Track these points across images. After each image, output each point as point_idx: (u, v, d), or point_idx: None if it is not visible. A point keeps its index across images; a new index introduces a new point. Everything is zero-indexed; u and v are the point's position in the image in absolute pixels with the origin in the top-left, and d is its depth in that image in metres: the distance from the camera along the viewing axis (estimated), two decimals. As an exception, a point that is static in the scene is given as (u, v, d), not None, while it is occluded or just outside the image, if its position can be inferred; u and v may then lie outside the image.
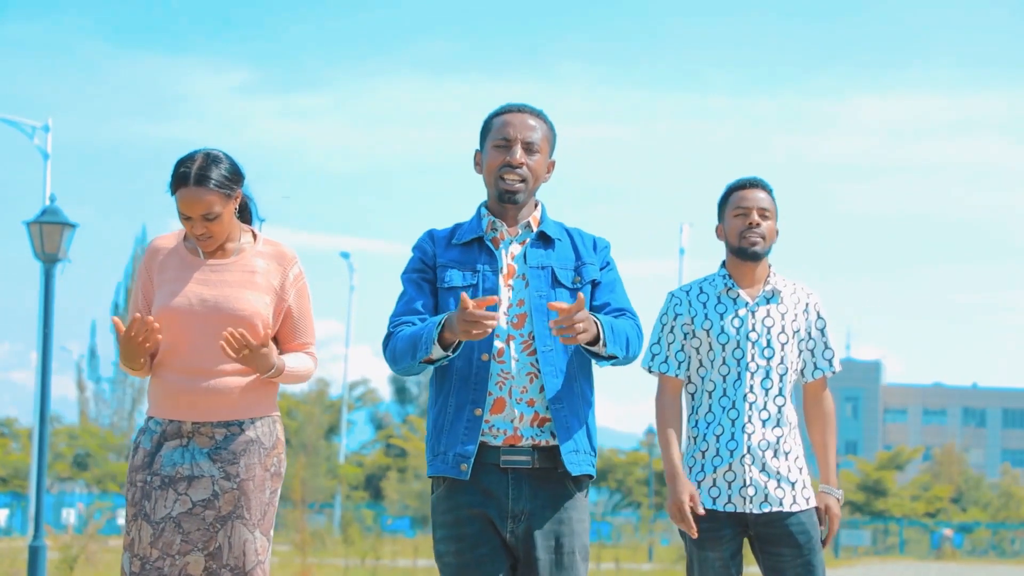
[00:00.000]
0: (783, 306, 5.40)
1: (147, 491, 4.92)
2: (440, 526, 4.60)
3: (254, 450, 4.98)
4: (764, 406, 5.31)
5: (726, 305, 5.39)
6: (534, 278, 4.59)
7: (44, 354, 18.29)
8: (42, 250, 18.18)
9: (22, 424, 55.47)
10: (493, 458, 4.52)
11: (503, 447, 4.52)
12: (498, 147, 4.63)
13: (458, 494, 4.54)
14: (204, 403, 4.95)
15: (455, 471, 4.52)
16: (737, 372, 5.33)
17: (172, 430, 4.96)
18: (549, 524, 4.53)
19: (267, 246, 5.10)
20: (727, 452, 5.31)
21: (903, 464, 64.27)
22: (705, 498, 5.31)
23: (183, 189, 4.94)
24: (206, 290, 4.97)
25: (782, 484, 5.30)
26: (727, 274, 5.44)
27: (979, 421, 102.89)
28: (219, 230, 4.99)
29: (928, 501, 61.96)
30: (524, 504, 4.51)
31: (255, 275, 5.02)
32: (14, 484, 51.55)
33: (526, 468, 4.52)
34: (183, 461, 4.92)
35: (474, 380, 4.54)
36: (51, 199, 19.15)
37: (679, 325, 5.42)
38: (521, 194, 4.62)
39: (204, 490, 4.91)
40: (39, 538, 16.95)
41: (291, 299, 5.06)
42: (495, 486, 4.51)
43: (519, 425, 4.52)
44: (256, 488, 4.96)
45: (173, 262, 5.04)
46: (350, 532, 29.38)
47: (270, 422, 5.05)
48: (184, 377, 4.95)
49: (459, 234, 4.68)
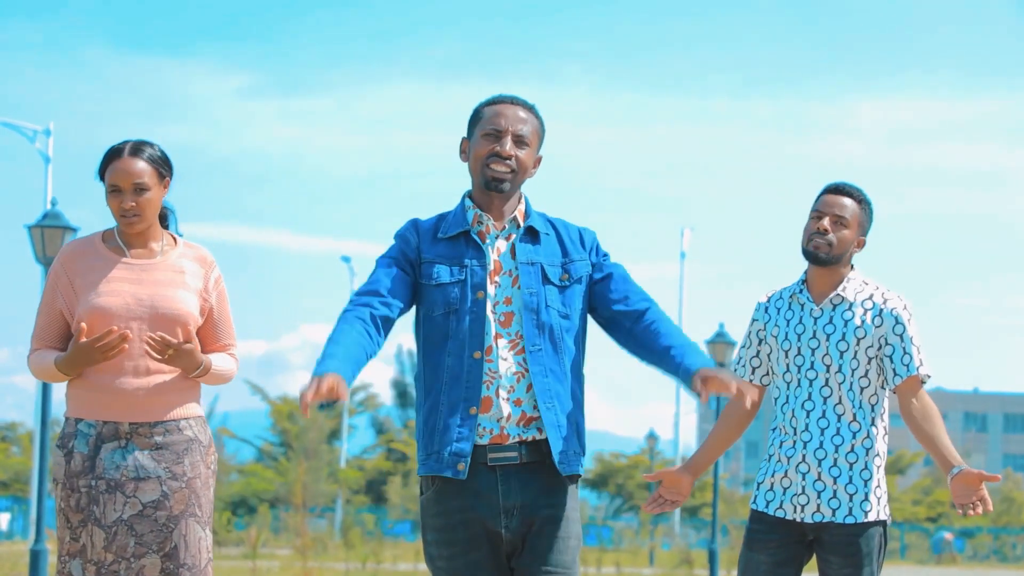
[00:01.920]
0: (850, 313, 5.31)
1: (94, 496, 4.88)
2: (431, 529, 4.57)
3: (196, 448, 4.99)
4: (823, 414, 5.27)
5: (794, 311, 5.38)
6: (524, 275, 4.56)
7: (45, 358, 18.27)
8: (43, 254, 18.19)
9: (24, 428, 55.44)
10: (480, 457, 4.49)
11: (489, 445, 4.49)
12: (487, 135, 4.59)
13: (448, 496, 4.51)
14: (143, 404, 4.93)
15: (451, 470, 4.48)
16: (798, 379, 5.31)
17: (109, 432, 4.93)
18: (543, 513, 4.50)
19: (188, 249, 5.12)
20: (786, 459, 5.30)
21: (904, 468, 64.24)
22: (760, 500, 5.34)
23: (116, 161, 4.98)
24: (140, 289, 4.97)
25: (838, 495, 5.24)
26: (803, 279, 5.41)
27: (980, 426, 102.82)
28: (148, 209, 4.99)
29: (929, 506, 61.92)
30: (515, 498, 4.49)
31: (184, 275, 5.03)
32: (15, 488, 51.51)
33: (514, 464, 4.51)
34: (125, 462, 4.90)
35: (466, 378, 4.50)
36: (52, 203, 19.17)
37: (755, 331, 5.46)
38: (507, 183, 4.58)
39: (152, 491, 4.90)
40: (40, 542, 16.94)
41: (213, 301, 5.09)
42: (484, 484, 4.48)
43: (505, 424, 4.49)
44: (203, 486, 4.99)
45: (97, 264, 5.01)
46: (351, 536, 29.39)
47: (201, 422, 5.07)
48: (121, 377, 4.92)
49: (444, 227, 4.63)
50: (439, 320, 4.55)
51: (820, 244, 5.29)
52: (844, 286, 5.34)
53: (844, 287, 5.34)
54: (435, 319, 4.56)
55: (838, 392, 5.28)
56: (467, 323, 4.51)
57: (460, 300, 4.53)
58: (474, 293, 4.53)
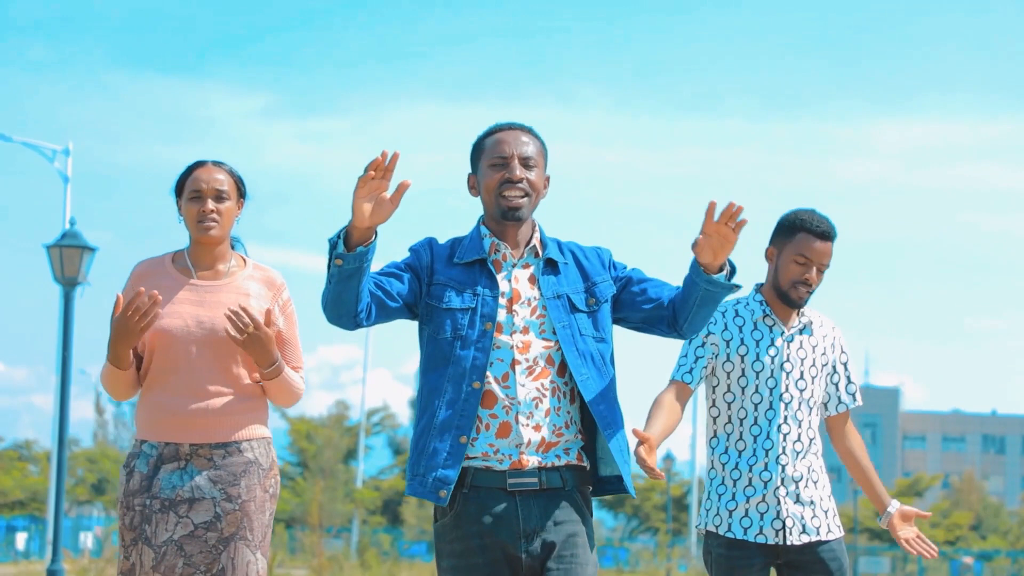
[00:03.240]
0: (814, 339, 5.36)
1: (147, 515, 4.88)
2: (448, 555, 4.54)
3: (254, 471, 4.96)
4: (798, 437, 5.28)
5: (763, 332, 5.32)
6: (553, 309, 4.55)
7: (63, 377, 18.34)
8: (62, 274, 18.24)
9: (41, 447, 55.53)
10: (499, 482, 4.47)
11: (509, 471, 4.48)
12: (494, 165, 4.58)
13: (467, 521, 4.48)
14: (203, 425, 4.92)
15: (433, 496, 4.46)
16: (770, 402, 5.27)
17: (169, 453, 4.92)
18: (562, 538, 4.48)
19: (257, 271, 5.10)
20: (760, 483, 5.26)
21: (922, 491, 64.02)
22: (736, 528, 5.27)
23: (198, 170, 5.00)
24: (202, 311, 4.96)
25: (817, 513, 5.28)
26: (764, 300, 5.37)
27: (999, 448, 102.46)
28: (225, 219, 4.99)
29: (947, 529, 61.67)
30: (535, 522, 4.47)
31: (249, 298, 5.01)
32: (32, 507, 51.56)
33: (533, 489, 4.49)
34: (182, 483, 4.89)
35: (461, 406, 4.48)
36: (71, 223, 19.22)
37: (709, 342, 5.32)
38: (524, 209, 4.57)
39: (206, 512, 4.88)
40: (57, 562, 16.97)
41: (280, 323, 5.05)
42: (503, 509, 4.47)
43: (525, 451, 4.48)
44: (257, 509, 4.95)
45: (165, 283, 5.00)
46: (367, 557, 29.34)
47: (265, 444, 5.04)
48: (181, 399, 4.91)
49: (460, 252, 4.62)
50: (444, 344, 4.53)
51: (804, 293, 5.29)
52: (804, 312, 5.38)
53: (804, 313, 5.38)
54: (440, 342, 4.54)
55: (808, 416, 5.31)
56: (471, 352, 4.49)
57: (468, 328, 4.51)
58: (483, 323, 4.51)
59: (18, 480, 52.17)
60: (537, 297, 4.58)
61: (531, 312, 4.56)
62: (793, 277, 5.29)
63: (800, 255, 5.28)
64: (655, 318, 4.65)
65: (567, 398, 4.57)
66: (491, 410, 4.50)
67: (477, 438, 4.50)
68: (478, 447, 4.50)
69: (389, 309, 4.56)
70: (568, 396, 4.57)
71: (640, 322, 4.68)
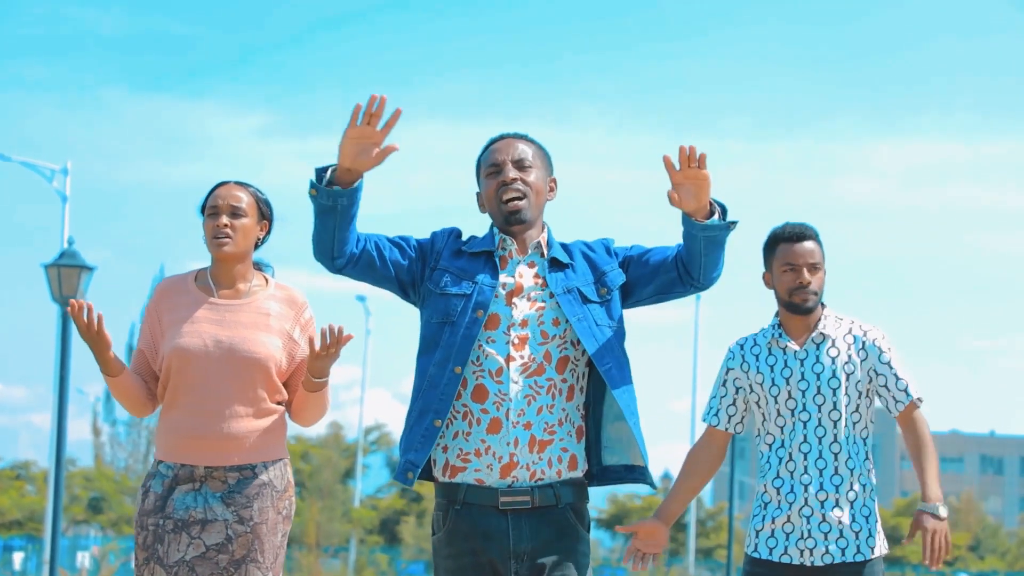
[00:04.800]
0: (834, 349, 5.32)
1: (160, 535, 4.89)
2: (443, 571, 4.57)
3: (267, 494, 4.96)
4: (820, 455, 5.26)
5: (776, 356, 5.35)
6: (565, 303, 4.56)
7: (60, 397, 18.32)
8: (59, 293, 18.24)
9: (39, 467, 55.45)
10: (491, 499, 4.48)
11: (501, 489, 4.48)
12: (490, 174, 4.63)
13: (460, 538, 4.50)
14: (218, 447, 4.92)
15: (401, 477, 4.51)
16: (792, 423, 5.28)
17: (184, 474, 4.93)
18: (554, 559, 4.49)
19: (279, 290, 5.09)
20: (786, 503, 5.27)
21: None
22: (762, 548, 5.30)
23: (220, 188, 5.01)
24: (220, 331, 4.95)
25: (844, 534, 5.24)
26: (777, 323, 5.40)
27: (997, 469, 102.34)
28: (241, 236, 4.98)
29: (945, 549, 61.48)
30: (526, 543, 4.48)
31: (269, 317, 5.00)
32: (29, 527, 51.46)
33: (526, 508, 4.49)
34: (196, 505, 4.90)
35: (442, 390, 4.50)
36: (69, 241, 19.24)
37: (731, 379, 5.41)
38: (525, 211, 4.60)
39: (218, 534, 4.89)
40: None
41: (303, 343, 5.04)
42: (495, 528, 4.48)
43: (515, 451, 4.48)
44: (269, 532, 4.94)
45: (185, 301, 5.01)
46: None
47: (282, 465, 5.03)
48: (197, 420, 4.91)
49: (471, 244, 4.67)
50: (435, 328, 4.57)
51: (807, 296, 5.30)
52: (823, 324, 5.35)
53: (824, 324, 5.35)
54: (432, 326, 4.58)
55: (832, 431, 5.27)
56: (459, 337, 4.51)
57: (459, 314, 4.53)
58: (474, 311, 4.53)
59: (15, 500, 52.09)
60: (541, 293, 4.58)
61: (531, 306, 4.57)
62: (788, 286, 5.32)
63: (785, 263, 5.33)
64: (666, 282, 4.68)
65: (563, 395, 4.56)
66: (483, 404, 4.50)
67: (470, 432, 4.50)
68: (471, 443, 4.50)
69: (376, 271, 4.60)
70: (564, 393, 4.57)
71: (655, 293, 4.71)
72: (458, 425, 4.54)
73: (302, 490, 54.79)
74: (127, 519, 52.72)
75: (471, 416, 4.51)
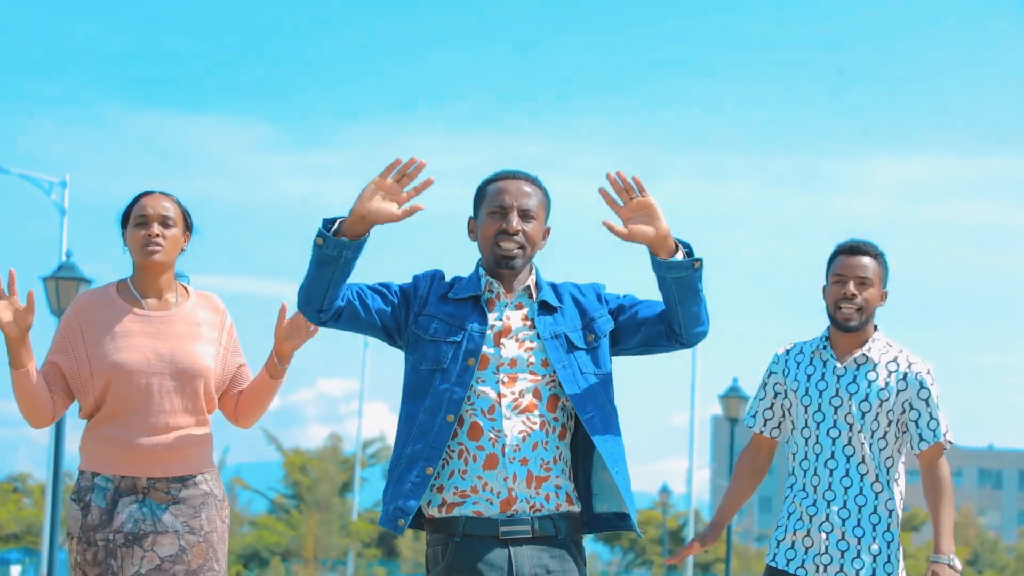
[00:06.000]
0: (874, 374, 5.29)
1: (111, 549, 4.86)
2: None
3: (212, 503, 4.98)
4: (846, 473, 5.25)
5: (816, 367, 5.34)
6: (552, 349, 4.54)
7: (58, 409, 18.28)
8: (57, 305, 18.24)
9: (35, 480, 55.38)
10: (491, 530, 4.45)
11: (501, 520, 4.46)
12: (493, 214, 4.58)
13: (459, 572, 4.45)
14: (162, 458, 4.91)
15: (391, 525, 4.47)
16: (816, 436, 5.28)
17: (127, 486, 4.91)
18: None
19: (201, 299, 5.11)
20: (808, 517, 5.27)
21: (919, 526, 63.84)
22: (780, 558, 5.31)
23: (145, 198, 5.03)
24: (159, 343, 4.95)
25: (862, 555, 5.22)
26: (826, 336, 5.39)
27: (995, 483, 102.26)
28: (170, 246, 4.99)
29: (944, 563, 61.40)
30: (527, 570, 4.44)
31: (200, 327, 5.03)
32: (26, 540, 51.37)
33: (526, 537, 4.47)
34: (144, 517, 4.87)
35: (433, 438, 4.46)
36: (67, 255, 19.24)
37: (771, 384, 5.43)
38: (518, 260, 4.58)
39: (170, 546, 4.87)
40: (51, 594, 16.91)
41: (231, 348, 5.12)
42: (496, 558, 4.44)
43: (513, 487, 4.46)
44: (220, 540, 4.97)
45: (109, 314, 4.98)
46: (362, 590, 29.24)
47: (215, 475, 5.05)
48: (139, 432, 4.90)
49: (456, 289, 4.62)
50: (424, 374, 4.53)
51: (850, 312, 5.28)
52: (870, 346, 5.32)
53: (870, 347, 5.32)
54: (421, 372, 4.54)
55: (861, 452, 5.24)
56: (450, 386, 4.48)
57: (450, 361, 4.50)
58: (465, 359, 4.50)
59: (12, 513, 52.03)
60: (529, 334, 4.57)
61: (519, 346, 4.55)
62: (835, 298, 5.32)
63: (835, 275, 5.34)
64: (652, 335, 4.64)
65: (555, 433, 4.54)
66: (478, 442, 4.48)
67: (466, 471, 4.48)
68: (467, 480, 4.48)
69: (361, 321, 4.56)
70: (557, 432, 4.55)
71: (640, 344, 4.67)
72: (454, 464, 4.51)
73: (300, 503, 54.75)
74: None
75: (467, 454, 4.49)
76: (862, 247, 5.34)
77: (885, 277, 5.38)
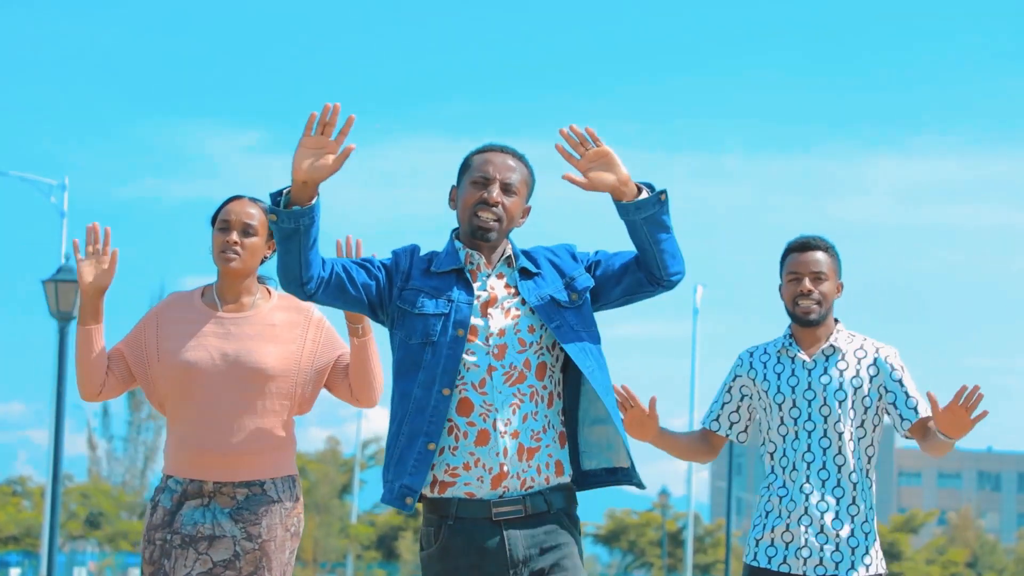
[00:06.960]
0: (844, 363, 5.34)
1: (167, 550, 4.89)
2: None
3: (276, 510, 4.95)
4: (823, 466, 5.27)
5: (784, 365, 5.38)
6: (541, 311, 4.54)
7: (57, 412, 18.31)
8: (57, 308, 18.24)
9: (35, 482, 55.38)
10: (484, 512, 4.45)
11: (493, 500, 4.46)
12: (475, 183, 4.58)
13: (454, 554, 4.46)
14: (226, 463, 4.92)
15: (399, 503, 4.46)
16: (795, 432, 5.30)
17: (193, 489, 4.93)
18: (551, 563, 4.47)
19: (283, 300, 5.10)
20: (786, 512, 5.29)
21: (917, 528, 63.88)
22: (761, 556, 5.32)
23: (232, 203, 5.03)
24: (226, 344, 4.95)
25: (840, 548, 5.24)
26: (789, 334, 5.43)
27: (994, 485, 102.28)
28: (249, 254, 5.00)
29: (943, 565, 61.52)
30: (522, 551, 4.45)
31: (275, 328, 5.01)
32: (26, 543, 51.39)
33: (519, 517, 4.47)
34: (204, 521, 4.89)
35: (431, 412, 4.46)
36: (67, 257, 19.25)
37: (737, 386, 5.45)
38: (494, 232, 4.57)
39: (225, 550, 4.88)
40: (50, 597, 16.91)
41: (322, 338, 5.10)
42: (489, 541, 4.45)
43: (505, 461, 4.46)
44: (277, 549, 4.94)
45: (189, 315, 5.01)
46: (362, 592, 29.24)
47: (290, 481, 5.03)
48: (206, 435, 4.91)
49: (437, 263, 4.62)
50: (415, 349, 4.52)
51: (809, 306, 5.33)
52: (836, 336, 5.38)
53: (836, 338, 5.38)
54: (411, 347, 4.53)
55: (837, 443, 5.28)
56: (442, 358, 4.47)
57: (440, 333, 4.49)
58: (455, 329, 4.49)
59: (12, 515, 52.04)
60: (514, 301, 4.57)
61: (506, 316, 4.55)
62: (792, 295, 5.36)
63: (789, 272, 5.38)
64: (633, 283, 4.64)
65: (544, 402, 4.55)
66: (468, 417, 4.47)
67: (457, 447, 4.47)
68: (459, 457, 4.48)
69: (348, 296, 4.54)
70: (546, 400, 4.55)
71: (623, 294, 4.67)
72: (444, 441, 4.50)
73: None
74: (123, 534, 52.64)
75: (457, 431, 4.49)
76: (813, 242, 5.40)
77: (839, 270, 5.44)
